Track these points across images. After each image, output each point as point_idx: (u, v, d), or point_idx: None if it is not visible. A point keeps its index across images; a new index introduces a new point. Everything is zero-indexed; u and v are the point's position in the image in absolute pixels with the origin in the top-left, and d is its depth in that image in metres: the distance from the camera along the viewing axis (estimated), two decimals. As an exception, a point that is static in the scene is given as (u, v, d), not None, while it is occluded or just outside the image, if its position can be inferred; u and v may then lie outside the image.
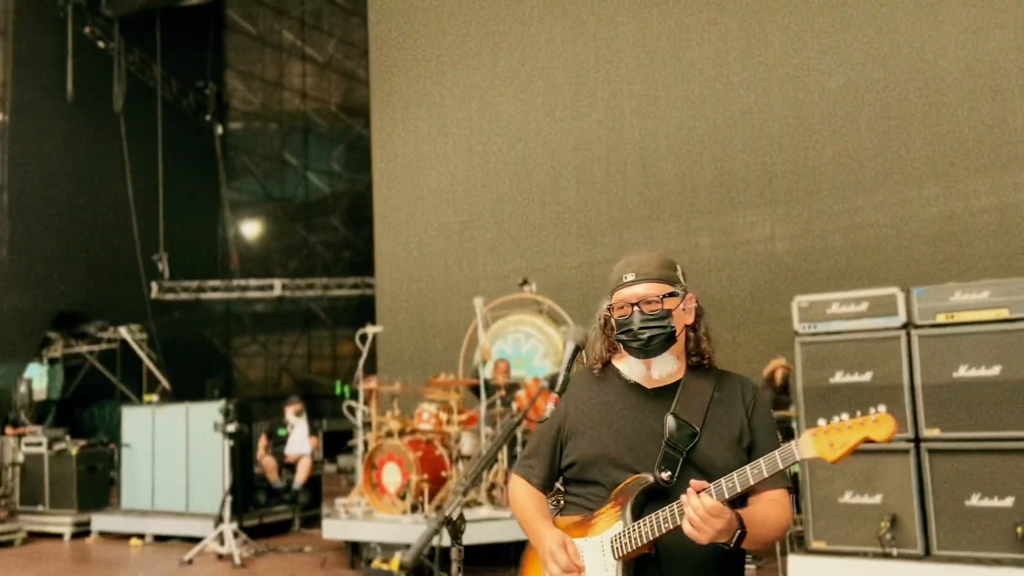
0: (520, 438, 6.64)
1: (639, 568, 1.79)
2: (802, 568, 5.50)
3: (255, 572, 7.12)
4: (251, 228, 19.07)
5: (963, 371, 5.26)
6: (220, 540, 7.70)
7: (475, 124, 14.07)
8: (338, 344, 19.66)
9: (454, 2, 14.56)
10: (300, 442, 9.60)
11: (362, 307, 16.19)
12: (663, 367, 1.95)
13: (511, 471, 2.12)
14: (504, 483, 6.93)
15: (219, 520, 7.78)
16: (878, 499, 5.39)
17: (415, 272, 14.30)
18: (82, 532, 9.43)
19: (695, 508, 1.62)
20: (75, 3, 14.59)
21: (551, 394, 1.85)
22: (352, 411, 7.54)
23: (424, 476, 6.67)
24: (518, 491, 2.06)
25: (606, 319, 1.98)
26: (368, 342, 7.79)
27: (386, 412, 7.39)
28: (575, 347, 1.96)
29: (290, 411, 9.90)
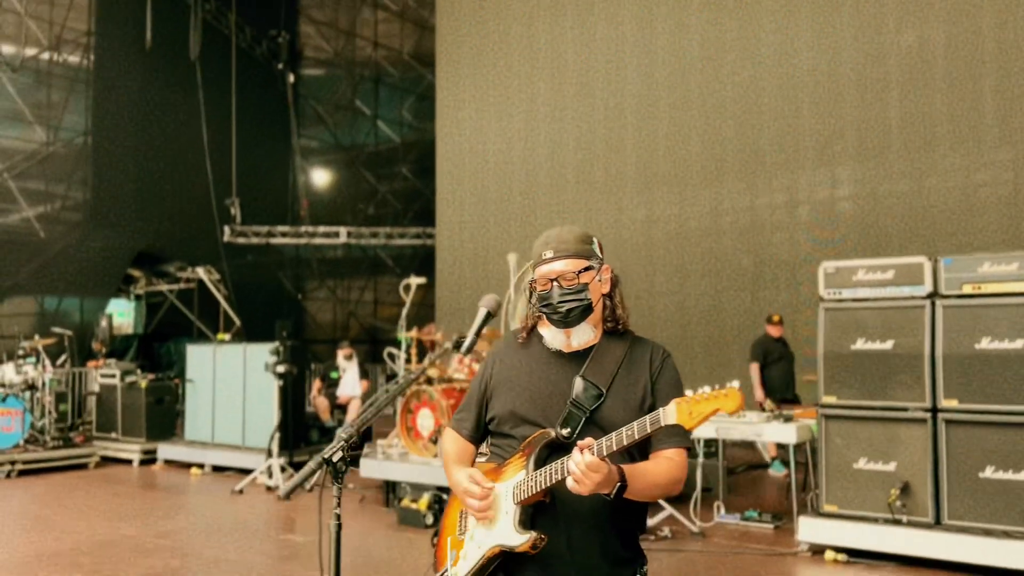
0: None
1: (536, 513, 1.96)
2: (812, 529, 5.59)
3: (297, 504, 7.56)
4: (321, 176, 19.54)
5: (986, 343, 5.20)
6: (269, 473, 8.17)
7: (539, 79, 14.07)
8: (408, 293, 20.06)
9: (519, -47, 14.47)
10: (351, 384, 10.02)
11: (428, 256, 16.53)
12: (581, 336, 2.09)
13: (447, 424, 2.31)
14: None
15: (268, 454, 8.25)
16: (892, 467, 5.41)
17: (474, 224, 14.52)
18: (149, 459, 10.09)
19: (576, 463, 1.78)
20: (155, -47, 15.06)
21: (459, 355, 2.03)
22: (392, 358, 7.84)
23: (455, 422, 6.94)
24: (447, 442, 2.26)
25: (532, 290, 2.12)
26: (411, 292, 8.06)
27: (428, 360, 7.67)
28: (486, 313, 2.12)
29: (341, 355, 10.32)
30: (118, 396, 10.63)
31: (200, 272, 15.67)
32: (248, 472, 8.58)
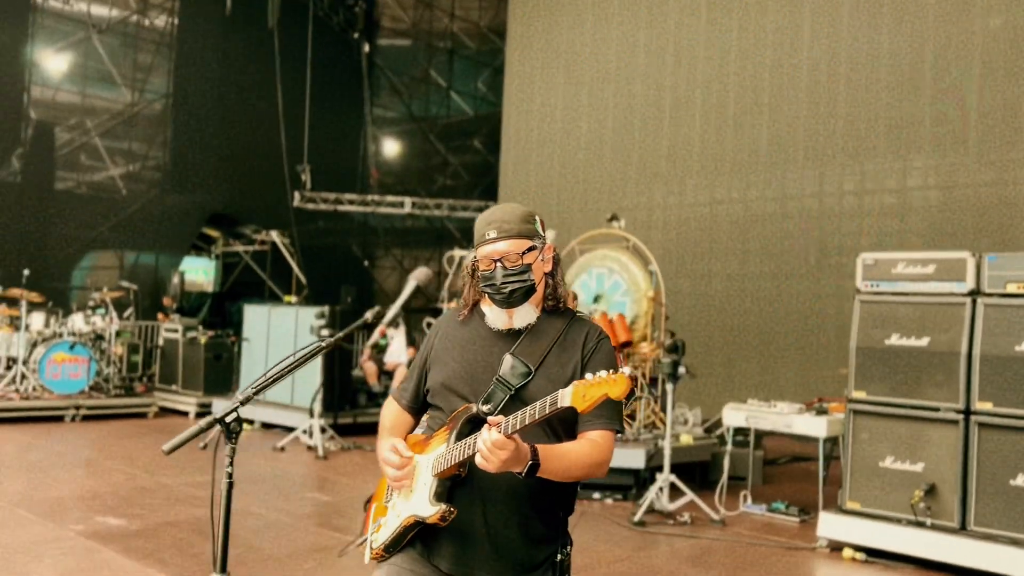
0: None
1: (454, 487, 1.98)
2: (832, 525, 5.46)
3: (334, 464, 7.77)
4: (392, 146, 19.76)
5: (1026, 346, 4.97)
6: (310, 433, 8.41)
7: (608, 55, 13.91)
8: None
9: (594, -74, 14.26)
10: (398, 351, 10.19)
11: (495, 229, 16.54)
12: (523, 316, 2.10)
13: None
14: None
15: (310, 414, 8.49)
16: (919, 467, 5.24)
17: (536, 197, 14.50)
18: (204, 412, 10.49)
19: (483, 440, 1.79)
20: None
21: (380, 327, 2.06)
22: (430, 326, 7.94)
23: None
24: (385, 410, 2.30)
25: (475, 269, 2.13)
26: (455, 265, 8.13)
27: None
28: (415, 286, 2.16)
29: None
30: (179, 350, 11.08)
31: (274, 235, 16.12)
32: (292, 430, 8.84)
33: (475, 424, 1.98)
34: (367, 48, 18.14)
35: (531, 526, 2.01)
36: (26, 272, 9.98)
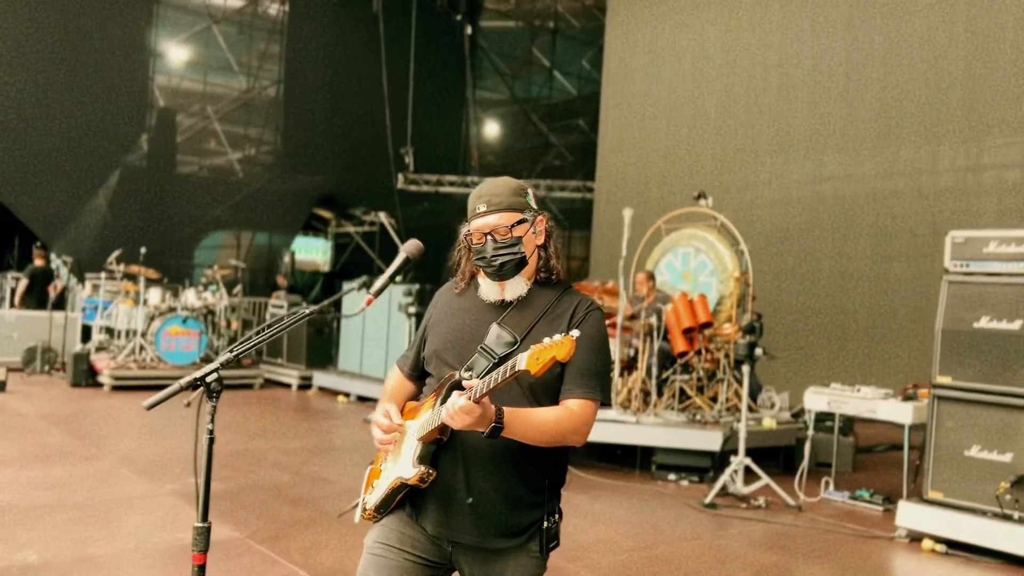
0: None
1: (439, 451, 2.04)
2: (912, 515, 5.25)
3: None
4: (494, 127, 19.92)
5: None
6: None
7: (710, 31, 13.57)
8: (572, 245, 20.20)
9: None
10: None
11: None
12: (515, 289, 2.13)
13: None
14: (640, 393, 7.15)
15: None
16: (1008, 457, 4.97)
17: (635, 177, 14.34)
18: (306, 385, 10.97)
19: (450, 403, 1.85)
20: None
21: (368, 296, 2.13)
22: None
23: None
24: (388, 377, 2.38)
25: (468, 243, 2.18)
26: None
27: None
28: (405, 258, 2.19)
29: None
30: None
31: (382, 216, 16.60)
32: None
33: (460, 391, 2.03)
34: (469, 30, 18.32)
35: (513, 492, 2.04)
36: (143, 250, 10.64)
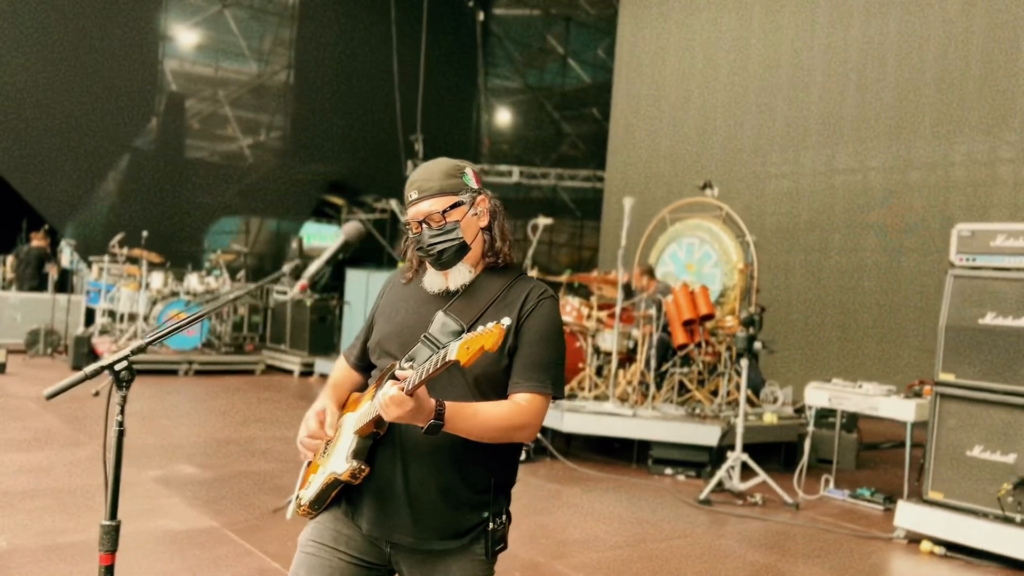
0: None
1: (376, 446, 1.92)
2: (911, 515, 5.09)
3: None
4: (506, 115, 19.73)
5: None
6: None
7: (723, 20, 13.34)
8: (584, 235, 20.04)
9: None
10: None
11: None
12: (459, 277, 1.99)
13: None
14: (638, 386, 7.01)
15: (398, 378, 8.64)
16: (1011, 458, 4.80)
17: (644, 166, 14.16)
18: (307, 371, 10.90)
19: (381, 394, 1.72)
20: None
21: (300, 282, 2.00)
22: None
23: (560, 364, 6.92)
24: (335, 368, 2.26)
25: (408, 232, 2.05)
26: (538, 232, 8.05)
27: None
28: (344, 241, 2.06)
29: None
30: (288, 312, 11.53)
31: (392, 204, 16.49)
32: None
33: (401, 382, 1.91)
34: (482, 16, 18.13)
35: (454, 491, 1.91)
36: (144, 233, 10.59)
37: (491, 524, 1.97)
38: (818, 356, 11.20)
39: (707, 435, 6.45)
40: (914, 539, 5.09)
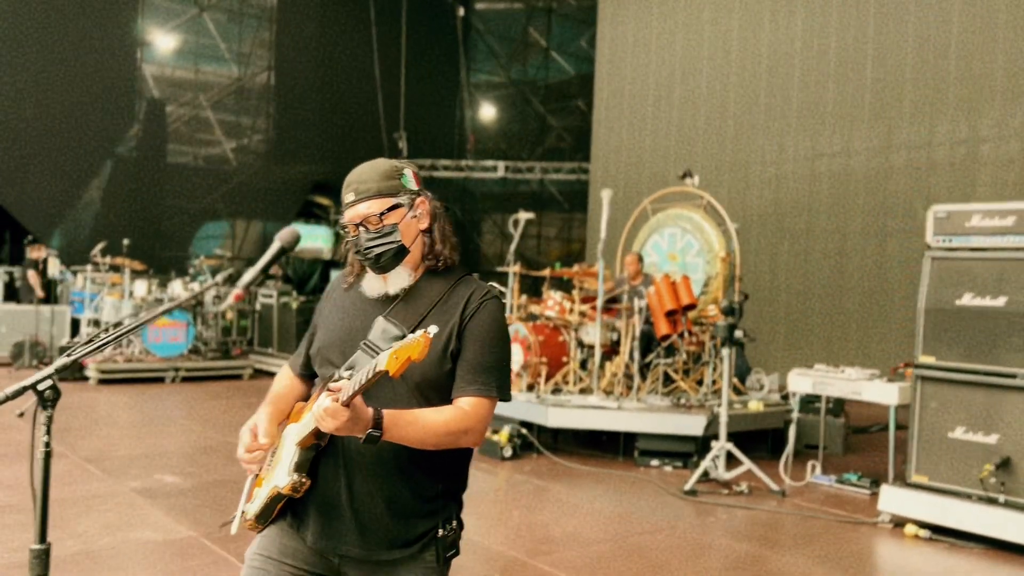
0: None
1: (320, 457, 1.88)
2: (895, 499, 5.07)
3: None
4: (489, 110, 19.65)
5: (1116, 305, 4.40)
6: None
7: (701, 9, 13.29)
8: (572, 228, 19.99)
9: None
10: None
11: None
12: (398, 281, 1.95)
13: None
14: (623, 378, 6.98)
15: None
16: (993, 439, 4.78)
17: (628, 158, 14.12)
18: (295, 375, 10.83)
19: (316, 406, 1.68)
20: None
21: (235, 289, 1.95)
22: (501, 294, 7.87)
23: (543, 359, 6.90)
24: (278, 378, 2.21)
25: (345, 235, 2.01)
26: (520, 227, 8.00)
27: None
28: (280, 247, 2.00)
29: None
30: (274, 315, 11.48)
31: (380, 203, 16.44)
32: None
33: (342, 392, 1.87)
34: (462, 11, 18.05)
35: (400, 500, 1.88)
36: (126, 241, 10.52)
37: (440, 531, 1.93)
38: (805, 341, 11.19)
39: (692, 425, 6.43)
40: (899, 523, 5.08)
